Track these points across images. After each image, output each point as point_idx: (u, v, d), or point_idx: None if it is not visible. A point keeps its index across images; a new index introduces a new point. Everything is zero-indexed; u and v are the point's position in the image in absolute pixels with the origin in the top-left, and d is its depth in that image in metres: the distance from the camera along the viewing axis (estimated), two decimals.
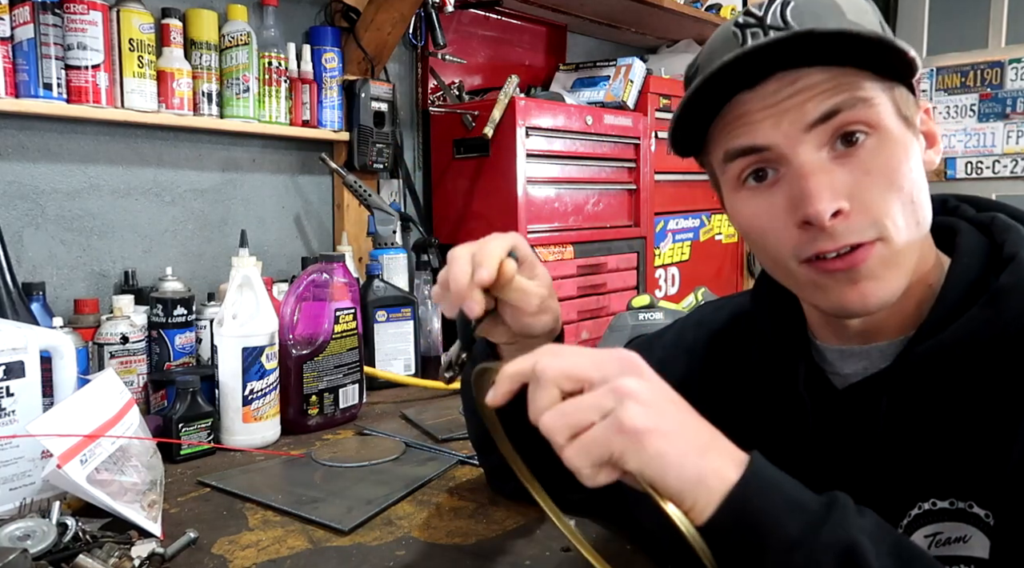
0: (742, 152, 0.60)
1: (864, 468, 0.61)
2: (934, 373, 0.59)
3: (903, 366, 0.60)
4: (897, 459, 0.60)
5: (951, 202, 0.69)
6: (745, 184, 0.62)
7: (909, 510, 0.59)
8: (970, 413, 0.57)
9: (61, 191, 1.42)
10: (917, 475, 0.59)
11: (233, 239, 1.63)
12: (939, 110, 3.46)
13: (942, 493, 0.57)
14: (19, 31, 1.25)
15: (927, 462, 0.58)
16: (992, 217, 0.65)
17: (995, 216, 0.64)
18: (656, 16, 2.30)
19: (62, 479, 0.82)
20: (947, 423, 0.58)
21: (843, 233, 0.57)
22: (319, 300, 1.29)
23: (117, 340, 1.24)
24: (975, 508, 0.56)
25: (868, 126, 0.57)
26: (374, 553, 0.81)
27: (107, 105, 1.35)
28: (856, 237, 0.57)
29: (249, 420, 1.16)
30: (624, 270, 2.11)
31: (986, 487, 0.55)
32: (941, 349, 0.58)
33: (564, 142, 1.92)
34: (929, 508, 0.58)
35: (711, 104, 0.61)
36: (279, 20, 1.63)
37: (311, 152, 1.77)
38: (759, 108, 0.58)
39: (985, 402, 0.57)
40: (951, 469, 0.57)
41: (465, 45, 2.13)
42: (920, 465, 0.59)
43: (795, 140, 0.57)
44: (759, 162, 0.60)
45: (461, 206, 1.92)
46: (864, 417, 0.62)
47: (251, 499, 0.95)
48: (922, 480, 0.58)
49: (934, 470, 0.58)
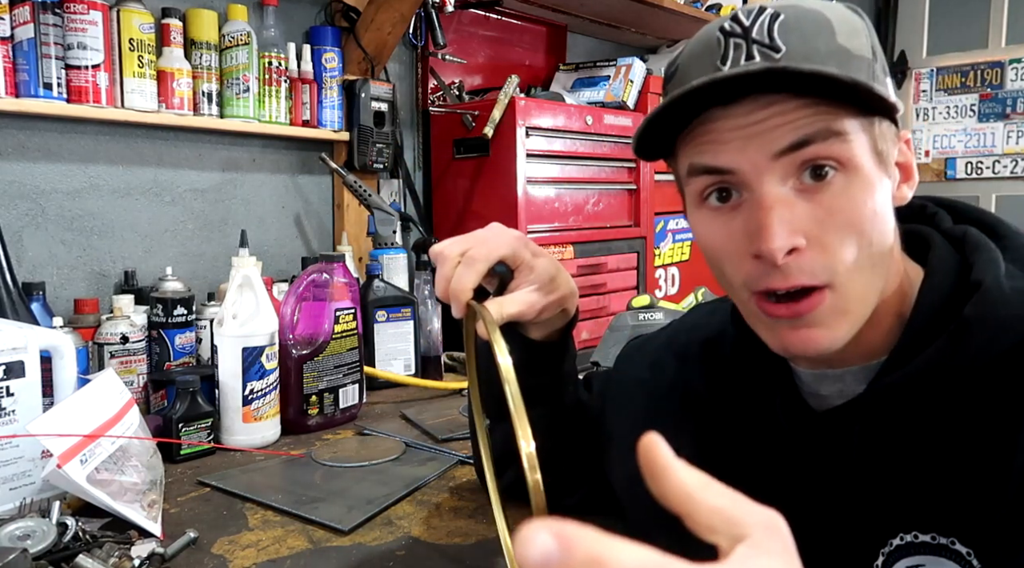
0: (706, 170, 0.58)
1: (843, 494, 0.60)
2: (905, 403, 0.58)
3: (873, 395, 0.59)
4: (874, 488, 0.59)
5: (929, 208, 0.68)
6: (707, 201, 0.60)
7: (890, 539, 0.58)
8: (944, 445, 0.56)
9: (61, 191, 1.42)
10: (896, 506, 0.57)
11: (233, 239, 1.63)
12: (939, 110, 3.46)
13: (923, 527, 0.56)
14: (19, 31, 1.25)
15: (905, 493, 0.57)
16: (964, 232, 0.63)
17: (967, 231, 0.63)
18: (656, 16, 2.30)
19: (62, 479, 0.82)
20: (922, 454, 0.57)
21: (795, 272, 0.55)
22: (319, 300, 1.29)
23: (117, 340, 1.24)
24: (957, 545, 0.55)
25: (838, 162, 0.55)
26: (374, 553, 0.81)
27: (107, 105, 1.35)
28: (807, 278, 0.55)
29: (249, 420, 1.16)
30: (624, 270, 2.11)
31: (967, 523, 0.54)
32: (908, 380, 0.57)
33: (564, 142, 1.91)
34: (911, 540, 0.57)
35: (682, 113, 0.58)
36: (279, 20, 1.63)
37: (311, 152, 1.77)
38: (728, 128, 0.56)
39: (959, 435, 0.56)
40: (930, 502, 0.56)
41: (465, 45, 2.13)
42: (898, 495, 0.57)
43: (761, 168, 0.55)
44: (722, 183, 0.58)
45: (461, 206, 1.92)
46: (841, 443, 0.61)
47: (251, 499, 0.95)
48: (901, 511, 0.57)
49: (913, 502, 0.57)
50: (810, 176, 0.55)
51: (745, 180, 0.56)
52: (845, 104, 0.54)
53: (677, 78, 0.60)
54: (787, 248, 0.54)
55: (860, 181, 0.55)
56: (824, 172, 0.55)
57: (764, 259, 0.55)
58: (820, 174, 0.55)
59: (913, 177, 0.62)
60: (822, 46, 0.54)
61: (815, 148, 0.54)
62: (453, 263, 0.70)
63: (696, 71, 0.57)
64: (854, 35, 0.56)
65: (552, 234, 1.89)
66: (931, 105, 3.48)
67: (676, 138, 0.61)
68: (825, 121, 0.54)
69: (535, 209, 1.85)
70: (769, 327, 0.59)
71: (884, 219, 0.57)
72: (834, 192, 0.55)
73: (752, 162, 0.55)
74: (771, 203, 0.55)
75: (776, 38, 0.54)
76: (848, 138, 0.55)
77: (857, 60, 0.55)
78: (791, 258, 0.55)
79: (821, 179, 0.55)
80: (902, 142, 0.61)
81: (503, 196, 1.82)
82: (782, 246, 0.54)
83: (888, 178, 0.58)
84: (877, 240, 0.56)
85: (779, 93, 0.54)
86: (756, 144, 0.55)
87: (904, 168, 0.61)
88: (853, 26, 0.57)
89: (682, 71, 0.60)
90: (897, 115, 0.57)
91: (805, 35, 0.54)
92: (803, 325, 0.56)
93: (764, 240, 0.54)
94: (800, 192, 0.55)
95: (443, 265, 0.70)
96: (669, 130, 0.60)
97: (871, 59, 0.56)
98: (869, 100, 0.54)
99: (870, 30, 0.58)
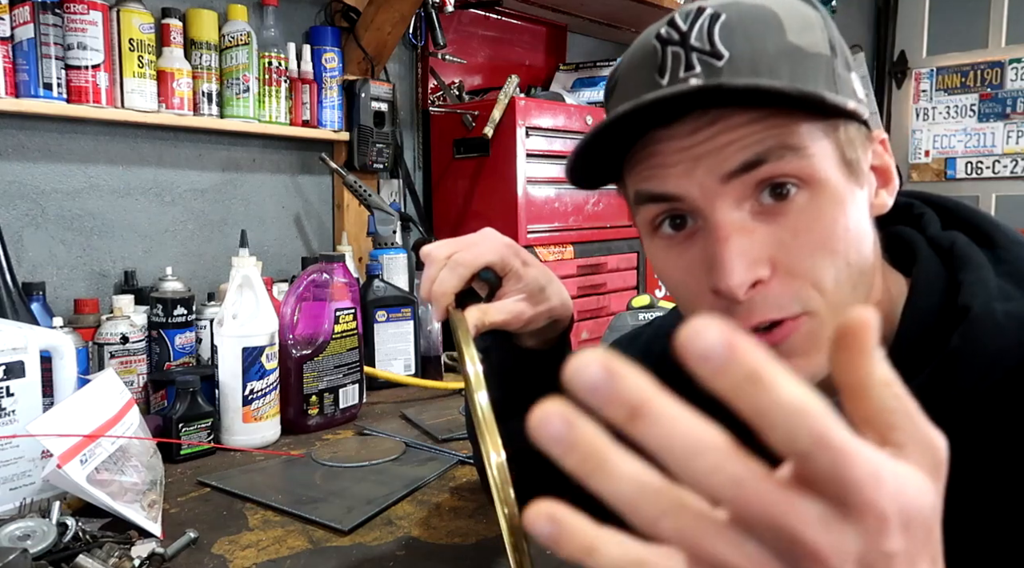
0: (652, 198, 0.52)
1: None
2: None
3: None
4: None
5: (916, 208, 0.62)
6: (659, 230, 0.54)
7: None
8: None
9: (61, 191, 1.42)
10: None
11: (233, 239, 1.63)
12: (939, 110, 3.46)
13: None
14: (19, 31, 1.25)
15: None
16: (952, 242, 0.57)
17: (955, 241, 0.57)
18: (656, 16, 2.28)
19: (62, 479, 0.82)
20: None
21: (761, 306, 0.49)
22: (319, 300, 1.29)
23: (117, 340, 1.24)
24: None
25: (799, 179, 0.49)
26: (374, 553, 0.81)
27: (107, 105, 1.35)
28: (776, 312, 0.49)
29: (249, 420, 1.16)
30: (624, 270, 2.11)
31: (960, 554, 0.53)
32: None
33: (564, 142, 1.91)
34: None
35: (620, 136, 0.52)
36: (279, 20, 1.63)
37: (311, 152, 1.77)
38: (672, 150, 0.50)
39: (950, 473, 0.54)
40: None
41: (465, 45, 2.13)
42: None
43: (711, 192, 0.49)
44: (672, 211, 0.52)
45: (461, 206, 1.92)
46: None
47: (251, 499, 0.95)
48: None
49: None
50: (769, 195, 0.49)
51: (696, 206, 0.50)
52: (799, 112, 0.48)
53: (617, 93, 0.55)
54: (748, 283, 0.48)
55: (827, 197, 0.49)
56: (785, 190, 0.49)
57: (727, 297, 0.49)
58: (781, 193, 0.49)
59: (892, 181, 0.56)
60: (771, 47, 0.48)
61: (769, 167, 0.48)
62: (439, 265, 0.69)
63: (633, 85, 0.52)
64: (807, 30, 0.50)
65: (552, 234, 1.89)
66: (931, 105, 3.49)
67: (622, 161, 0.55)
68: (778, 136, 0.48)
69: (535, 209, 1.85)
70: None
71: (860, 234, 0.51)
72: (798, 211, 0.49)
73: (701, 187, 0.49)
74: (726, 233, 0.49)
75: (717, 43, 0.48)
76: (807, 152, 0.48)
77: (812, 59, 0.49)
78: (755, 292, 0.49)
79: (782, 198, 0.49)
80: (875, 144, 0.55)
81: (503, 196, 1.82)
82: (741, 282, 0.48)
83: (861, 188, 0.52)
84: (855, 259, 0.50)
85: (725, 106, 0.48)
86: (704, 167, 0.49)
87: (881, 172, 0.55)
88: (805, 19, 0.51)
89: (620, 85, 0.55)
90: (864, 116, 0.51)
91: (750, 36, 0.48)
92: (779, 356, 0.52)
93: (722, 276, 0.48)
94: (759, 215, 0.49)
95: (429, 267, 0.69)
96: (611, 154, 0.54)
97: (829, 55, 0.50)
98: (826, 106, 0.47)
99: (826, 21, 0.52)
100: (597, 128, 0.50)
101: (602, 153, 0.54)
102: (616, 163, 0.56)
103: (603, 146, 0.53)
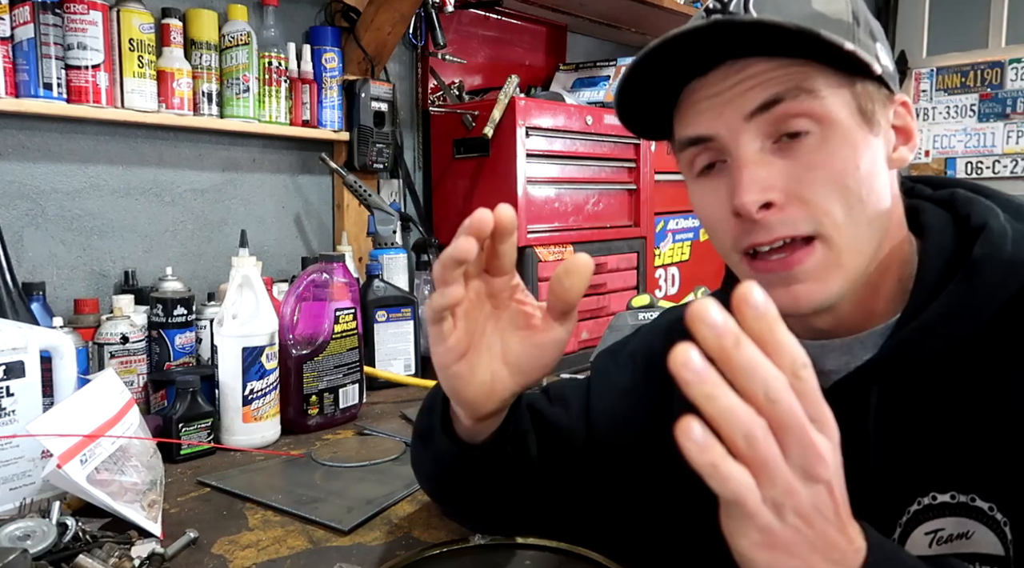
0: (691, 142, 0.60)
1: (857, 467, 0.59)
2: (922, 358, 0.57)
3: (889, 353, 0.58)
4: (891, 454, 0.58)
5: (906, 184, 0.68)
6: (698, 172, 0.61)
7: (908, 507, 0.57)
8: (963, 399, 0.55)
9: (61, 191, 1.42)
10: (913, 469, 0.57)
11: (233, 239, 1.63)
12: (939, 110, 3.46)
13: (941, 486, 0.55)
14: (19, 31, 1.25)
15: (923, 454, 0.56)
16: (952, 193, 0.63)
17: (954, 191, 0.63)
18: (656, 16, 2.30)
19: (62, 479, 0.82)
20: (940, 411, 0.56)
21: (776, 225, 0.55)
22: (319, 300, 1.29)
23: (117, 340, 1.24)
24: (978, 501, 0.54)
25: (812, 118, 0.55)
26: (374, 553, 0.81)
27: (107, 105, 1.35)
28: (790, 229, 0.55)
29: (249, 420, 1.16)
30: (624, 270, 2.11)
31: (988, 478, 0.54)
32: (924, 330, 0.56)
33: (564, 142, 1.91)
34: (929, 503, 0.56)
35: (669, 91, 0.60)
36: (279, 20, 1.63)
37: (311, 152, 1.77)
38: (705, 96, 0.58)
39: (978, 386, 0.55)
40: (948, 460, 0.55)
41: (465, 45, 2.13)
42: (916, 458, 0.57)
43: (736, 130, 0.56)
44: (706, 152, 0.60)
45: (461, 206, 1.92)
46: (853, 413, 0.59)
47: (251, 499, 0.95)
48: (919, 474, 0.56)
49: (930, 462, 0.56)
50: (788, 136, 0.56)
51: (724, 145, 0.58)
52: (818, 64, 0.55)
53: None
54: (759, 202, 0.55)
55: (839, 137, 0.55)
56: (803, 132, 0.55)
57: (743, 216, 0.56)
58: (798, 133, 0.56)
59: (913, 139, 0.61)
60: (795, 12, 0.55)
61: (786, 106, 0.55)
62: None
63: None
64: (831, 0, 0.57)
65: (552, 234, 1.89)
66: (931, 105, 3.48)
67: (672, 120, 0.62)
68: (795, 79, 0.55)
69: (535, 209, 1.85)
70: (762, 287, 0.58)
71: (874, 177, 0.57)
72: (811, 148, 0.55)
73: (728, 126, 0.57)
74: (745, 161, 0.56)
75: (751, 8, 0.56)
76: (820, 94, 0.55)
77: (833, 23, 0.55)
78: (770, 213, 0.55)
79: (799, 138, 0.56)
80: (897, 105, 0.60)
81: (503, 196, 1.81)
82: (754, 200, 0.54)
83: (877, 138, 0.58)
84: (867, 197, 0.56)
85: (751, 57, 0.55)
86: (730, 108, 0.56)
87: (902, 131, 0.61)
88: None
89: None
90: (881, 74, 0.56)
91: (779, 4, 0.56)
92: (793, 281, 0.56)
93: (737, 195, 0.55)
94: (778, 152, 0.56)
95: None
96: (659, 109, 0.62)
97: (851, 23, 0.56)
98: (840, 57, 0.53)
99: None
100: (634, 63, 0.58)
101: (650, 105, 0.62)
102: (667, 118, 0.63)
103: (650, 97, 0.61)
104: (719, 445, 0.37)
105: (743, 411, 0.37)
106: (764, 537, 0.40)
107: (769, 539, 0.40)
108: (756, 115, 0.56)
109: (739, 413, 0.37)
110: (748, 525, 0.40)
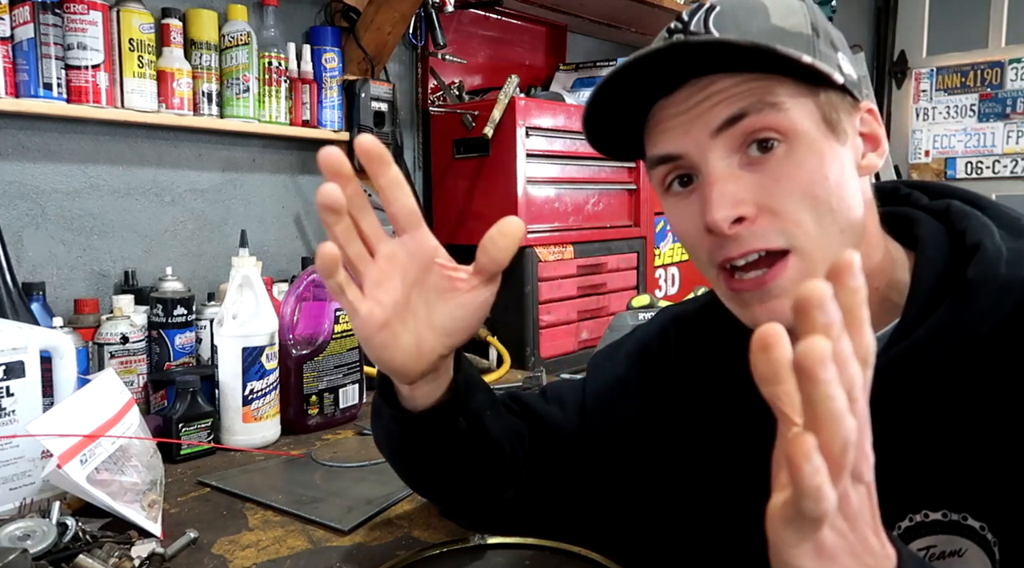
0: (660, 160, 0.60)
1: None
2: (913, 375, 0.56)
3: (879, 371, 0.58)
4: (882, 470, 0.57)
5: (902, 190, 0.68)
6: (670, 190, 0.62)
7: (899, 522, 0.56)
8: (956, 417, 0.55)
9: (61, 191, 1.42)
10: (904, 485, 0.56)
11: (233, 239, 1.63)
12: (939, 110, 3.46)
13: (933, 504, 0.55)
14: (19, 31, 1.25)
15: (914, 471, 0.56)
16: (947, 205, 0.63)
17: (950, 203, 0.63)
18: (656, 16, 2.30)
19: (62, 479, 0.82)
20: (933, 428, 0.56)
21: (748, 238, 0.56)
22: (319, 300, 1.29)
23: (117, 340, 1.24)
24: (969, 520, 0.54)
25: (778, 132, 0.56)
26: (374, 553, 0.81)
27: (107, 105, 1.35)
28: (762, 242, 0.55)
29: (249, 420, 1.16)
30: (624, 270, 2.11)
31: (980, 497, 0.53)
32: (916, 349, 0.56)
33: (564, 142, 1.91)
34: (921, 520, 0.56)
35: (637, 112, 0.61)
36: (279, 20, 1.63)
37: (311, 152, 1.77)
38: (671, 115, 0.59)
39: (971, 404, 0.55)
40: (940, 478, 0.55)
41: (465, 45, 2.13)
42: (907, 474, 0.56)
43: (704, 147, 0.57)
44: (677, 169, 0.60)
45: (461, 206, 1.92)
46: None
47: (251, 499, 0.95)
48: (910, 490, 0.56)
49: (922, 479, 0.56)
50: (756, 149, 0.56)
51: (693, 162, 0.58)
52: (780, 76, 0.56)
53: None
54: (731, 217, 0.55)
55: (804, 148, 0.56)
56: (769, 144, 0.56)
57: (715, 232, 0.56)
58: (765, 146, 0.56)
59: (881, 146, 0.62)
60: (755, 28, 0.56)
61: (750, 120, 0.56)
62: None
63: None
64: (789, 15, 0.58)
65: (552, 234, 1.89)
66: (931, 105, 3.49)
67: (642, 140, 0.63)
68: (757, 94, 0.55)
69: (535, 209, 1.85)
70: (741, 304, 0.59)
71: (843, 186, 0.57)
72: (778, 160, 0.56)
73: (695, 143, 0.57)
74: (715, 177, 0.56)
75: (711, 28, 0.57)
76: (784, 107, 0.55)
77: (793, 37, 0.56)
78: (742, 227, 0.56)
79: (767, 151, 0.56)
80: (863, 112, 0.61)
81: (503, 196, 1.82)
82: (725, 216, 0.55)
83: (844, 146, 0.58)
84: (838, 206, 0.56)
85: (715, 74, 0.56)
86: (697, 125, 0.57)
87: (870, 138, 0.61)
88: (789, 7, 0.58)
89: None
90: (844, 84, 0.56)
91: (738, 21, 0.57)
92: (770, 297, 0.56)
93: (709, 211, 0.56)
94: (746, 166, 0.57)
95: None
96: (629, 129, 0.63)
97: (810, 35, 0.57)
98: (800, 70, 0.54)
99: (811, 9, 0.60)
100: (596, 90, 0.58)
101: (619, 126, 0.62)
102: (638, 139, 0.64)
103: (618, 119, 0.61)
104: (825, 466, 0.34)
105: (849, 418, 0.34)
106: (815, 544, 0.38)
107: (819, 546, 0.38)
108: (722, 131, 0.56)
109: (847, 420, 0.34)
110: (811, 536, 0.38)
